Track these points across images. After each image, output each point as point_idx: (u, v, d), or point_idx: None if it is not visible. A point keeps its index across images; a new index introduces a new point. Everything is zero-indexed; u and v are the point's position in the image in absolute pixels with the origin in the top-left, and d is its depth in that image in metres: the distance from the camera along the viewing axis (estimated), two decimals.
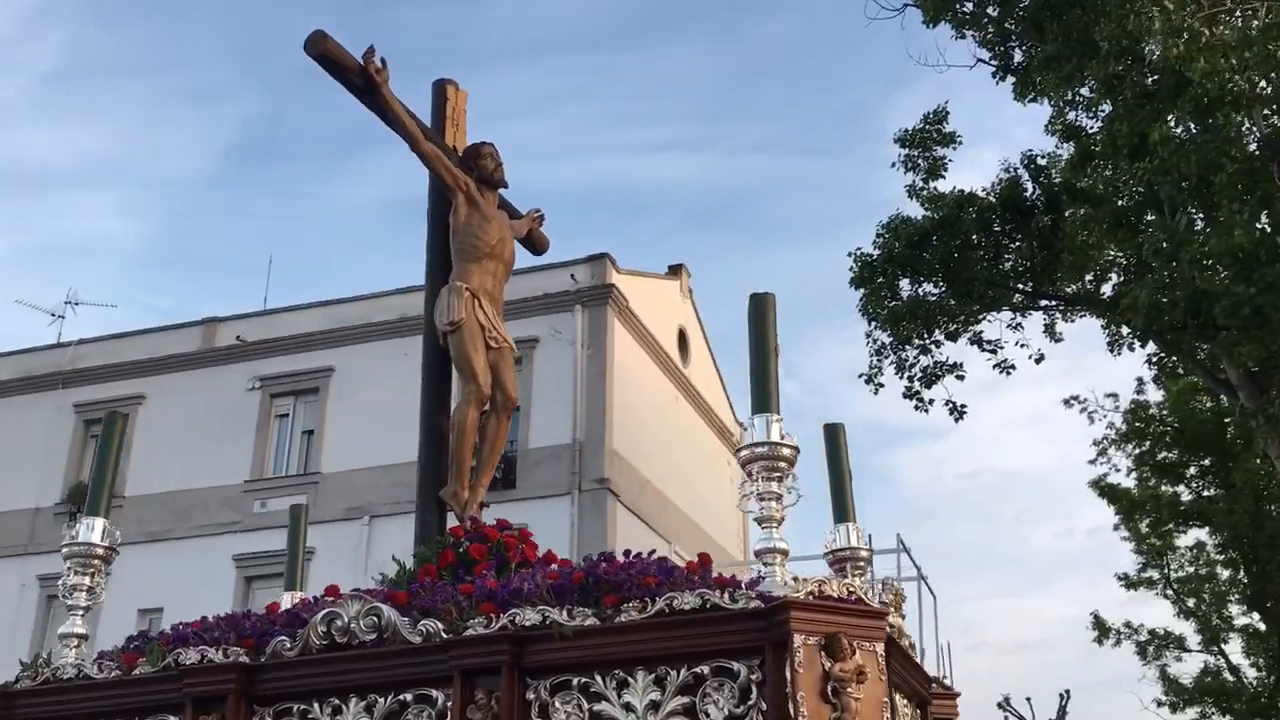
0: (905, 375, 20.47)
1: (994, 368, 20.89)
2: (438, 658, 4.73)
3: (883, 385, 20.59)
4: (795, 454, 4.62)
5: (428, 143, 6.86)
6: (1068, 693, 25.47)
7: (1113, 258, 20.72)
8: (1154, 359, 23.02)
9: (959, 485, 64.11)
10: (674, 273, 29.00)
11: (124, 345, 27.27)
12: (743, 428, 32.18)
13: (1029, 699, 26.20)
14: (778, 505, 4.58)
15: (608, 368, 23.60)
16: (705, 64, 73.60)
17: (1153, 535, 28.10)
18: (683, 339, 28.48)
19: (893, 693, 4.56)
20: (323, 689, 4.95)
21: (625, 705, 4.39)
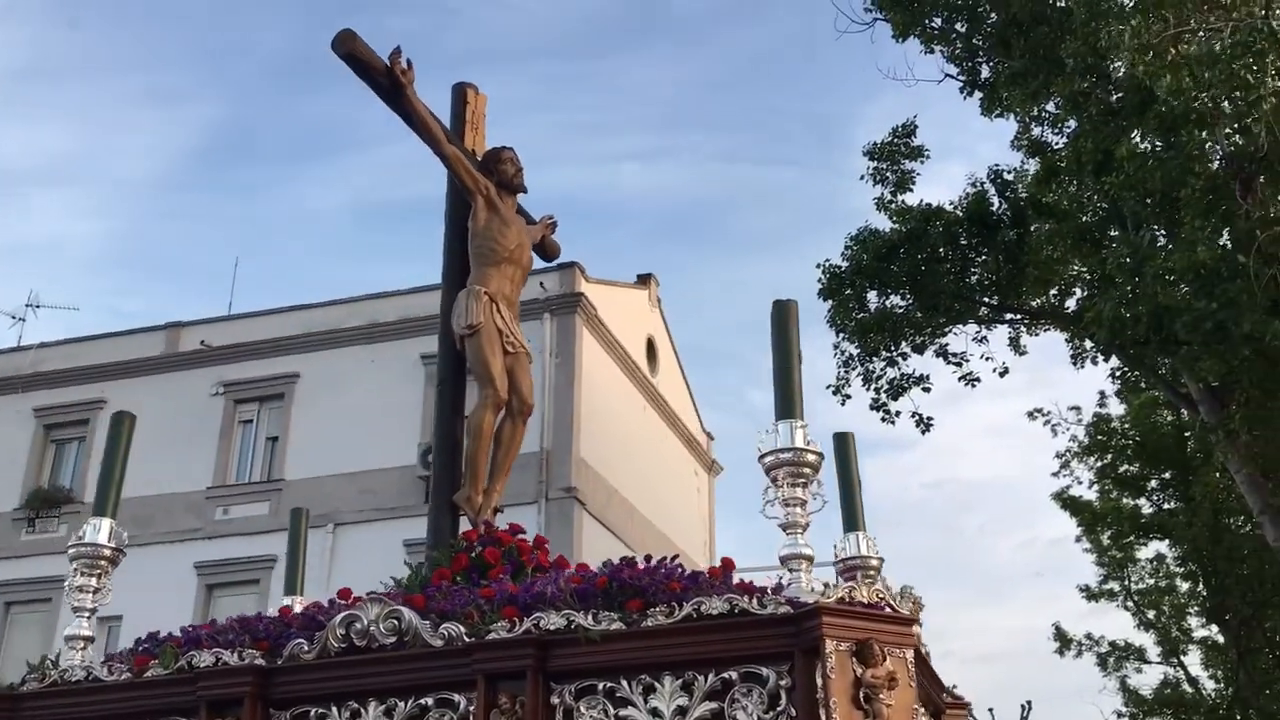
0: (872, 387, 20.57)
1: (959, 380, 21.03)
2: (460, 661, 4.72)
3: (850, 396, 20.66)
4: (820, 460, 4.66)
5: (450, 145, 6.85)
6: (1029, 704, 25.61)
7: (1077, 272, 20.83)
8: (1116, 373, 23.24)
9: (923, 495, 64.64)
10: (643, 282, 29.08)
11: (86, 349, 26.96)
12: (710, 437, 32.35)
13: (991, 710, 26.29)
14: (802, 511, 4.62)
15: (576, 376, 23.59)
16: (673, 74, 73.88)
17: (1114, 547, 28.31)
18: (651, 348, 28.52)
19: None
20: (341, 692, 4.92)
21: (652, 710, 4.39)
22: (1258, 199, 15.40)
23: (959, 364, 20.99)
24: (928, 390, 20.59)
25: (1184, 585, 28.45)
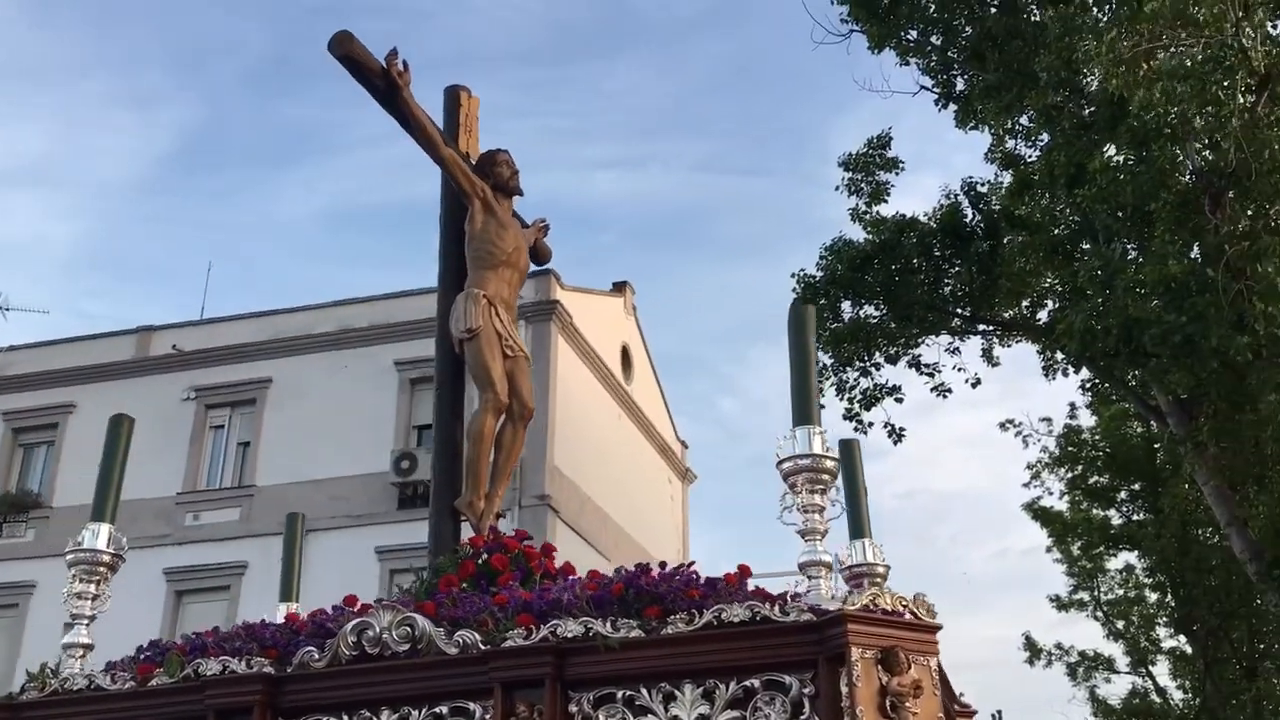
0: (845, 397, 20.61)
1: (931, 390, 21.12)
2: (475, 669, 4.67)
3: (823, 406, 20.65)
4: (838, 466, 4.66)
5: (447, 148, 6.80)
6: (999, 713, 25.65)
7: (1049, 284, 20.93)
8: (1087, 385, 23.38)
9: (896, 505, 64.85)
10: (618, 290, 29.07)
11: (55, 352, 26.70)
12: (684, 445, 32.36)
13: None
14: (820, 517, 4.62)
15: (550, 384, 23.52)
16: (649, 82, 74.04)
17: (1084, 558, 28.49)
18: (626, 356, 28.53)
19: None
20: (353, 701, 4.86)
21: (673, 719, 4.36)
22: (1227, 214, 15.49)
23: (931, 375, 21.06)
24: (900, 401, 20.66)
25: (1152, 596, 28.59)
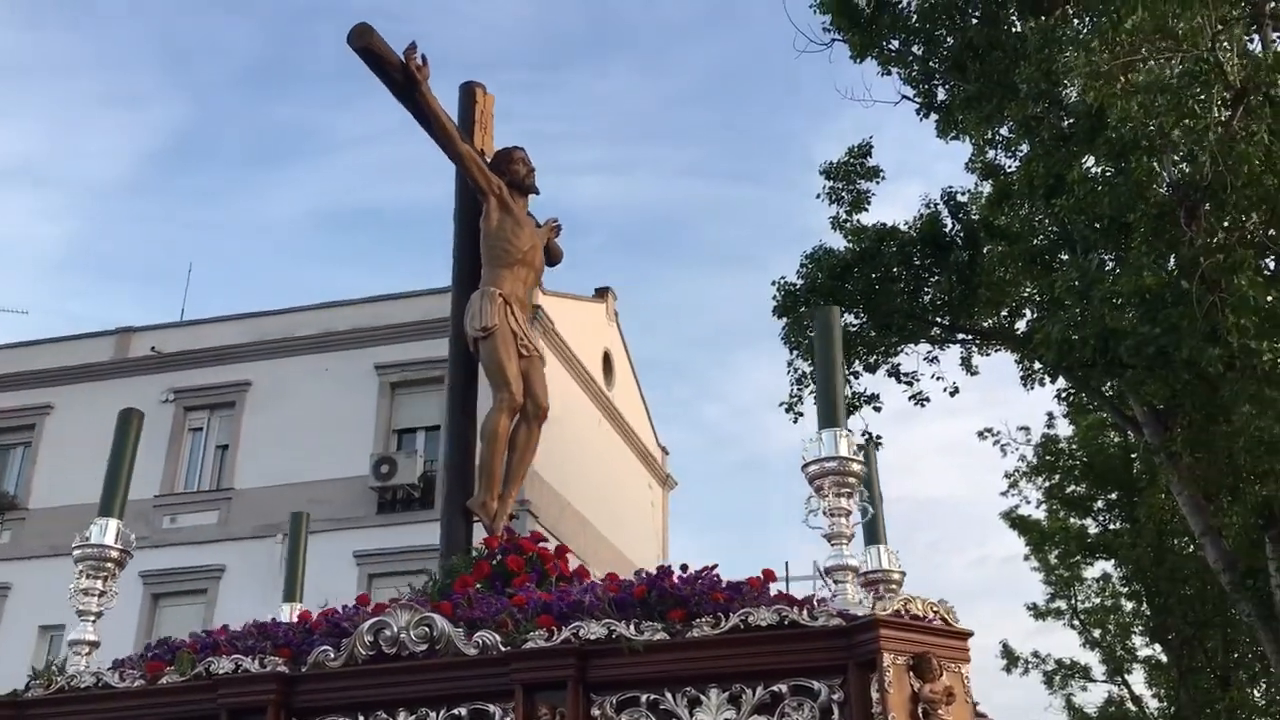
0: None
1: (910, 399, 21.18)
2: (496, 671, 4.61)
3: (803, 414, 20.65)
4: (864, 470, 4.65)
5: (464, 145, 6.73)
6: None
7: (1027, 294, 20.99)
8: (1064, 394, 23.48)
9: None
10: (600, 295, 28.99)
11: (33, 353, 26.40)
12: (665, 451, 32.31)
13: None
14: (847, 522, 4.60)
15: None
16: (633, 88, 74.09)
17: (1061, 566, 28.66)
18: (607, 362, 28.46)
19: None
20: (369, 701, 4.79)
21: None
22: (1202, 227, 15.59)
23: (910, 383, 21.13)
24: (878, 409, 20.74)
25: (1128, 605, 28.80)
